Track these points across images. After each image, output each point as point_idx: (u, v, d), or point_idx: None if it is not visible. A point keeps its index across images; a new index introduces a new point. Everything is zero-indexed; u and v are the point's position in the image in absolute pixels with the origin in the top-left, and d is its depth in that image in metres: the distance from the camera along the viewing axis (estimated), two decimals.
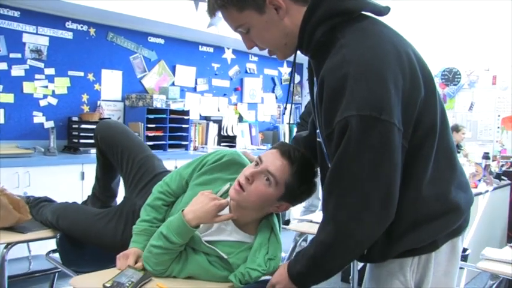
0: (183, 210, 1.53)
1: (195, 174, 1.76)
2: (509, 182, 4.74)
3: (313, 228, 2.49)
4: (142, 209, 1.75)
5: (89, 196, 2.35)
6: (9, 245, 1.95)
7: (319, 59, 1.17)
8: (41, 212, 2.18)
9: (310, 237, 2.46)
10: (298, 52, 1.24)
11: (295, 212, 4.58)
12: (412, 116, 1.10)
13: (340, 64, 1.07)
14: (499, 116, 6.13)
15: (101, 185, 2.28)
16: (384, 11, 1.20)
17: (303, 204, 4.55)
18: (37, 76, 4.06)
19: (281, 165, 1.49)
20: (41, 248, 2.53)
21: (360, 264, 2.77)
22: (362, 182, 1.08)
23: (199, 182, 1.73)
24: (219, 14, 1.27)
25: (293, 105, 1.73)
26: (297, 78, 6.80)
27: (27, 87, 4.01)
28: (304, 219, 2.73)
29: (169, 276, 1.57)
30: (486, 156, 4.53)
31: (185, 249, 1.59)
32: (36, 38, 4.03)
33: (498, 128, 6.12)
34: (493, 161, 4.92)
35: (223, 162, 1.74)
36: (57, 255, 2.04)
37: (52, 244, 2.08)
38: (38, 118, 4.10)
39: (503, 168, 4.86)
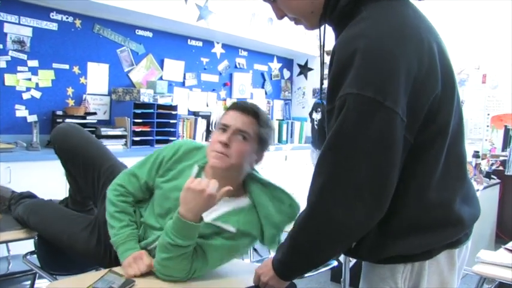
0: (178, 212, 1.46)
1: (158, 174, 1.73)
2: (498, 180, 4.72)
3: None
4: (110, 219, 1.67)
5: (66, 197, 2.24)
6: None
7: (340, 31, 1.11)
8: (17, 207, 2.09)
9: None
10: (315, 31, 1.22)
11: None
12: (421, 108, 1.03)
13: (354, 37, 1.01)
14: (488, 114, 6.12)
15: (74, 188, 2.17)
16: None
17: None
18: (20, 68, 3.93)
19: (248, 121, 1.62)
20: (21, 247, 2.44)
21: (352, 262, 2.71)
22: (354, 170, 1.00)
23: (167, 178, 1.71)
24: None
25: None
26: (287, 74, 6.72)
27: (9, 80, 3.88)
28: None
29: (191, 277, 1.55)
30: (476, 155, 4.50)
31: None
32: (19, 29, 3.90)
33: (488, 126, 6.11)
34: (483, 159, 4.90)
35: (182, 153, 1.75)
36: (35, 256, 1.95)
37: (31, 243, 1.99)
38: (21, 112, 3.97)
39: (493, 167, 4.83)
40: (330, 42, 1.19)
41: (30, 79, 4.00)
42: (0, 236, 1.94)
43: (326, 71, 1.13)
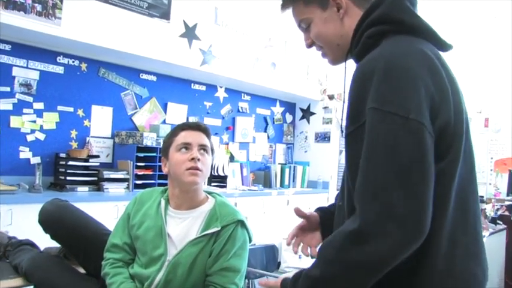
0: None
1: (131, 227, 1.88)
2: (504, 226, 4.65)
3: None
4: (109, 287, 1.79)
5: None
6: None
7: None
8: (17, 256, 2.05)
9: None
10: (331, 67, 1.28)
11: (288, 257, 4.45)
12: (435, 134, 0.98)
13: (372, 59, 1.02)
14: (491, 158, 6.12)
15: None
16: (444, 45, 1.15)
17: None
18: (25, 110, 3.96)
19: (203, 136, 1.90)
20: None
21: None
22: (387, 193, 0.91)
23: (138, 225, 1.85)
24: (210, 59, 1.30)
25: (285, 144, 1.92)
26: (290, 118, 6.77)
27: (15, 122, 3.90)
28: (295, 268, 2.60)
29: None
30: (481, 200, 4.46)
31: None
32: (27, 72, 3.95)
33: (491, 170, 6.09)
34: (487, 204, 4.86)
35: (140, 199, 1.93)
36: None
37: None
38: (24, 153, 3.97)
39: (499, 212, 4.78)
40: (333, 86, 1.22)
41: (35, 121, 4.02)
42: None
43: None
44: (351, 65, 1.25)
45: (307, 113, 6.72)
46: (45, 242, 2.22)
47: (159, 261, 1.76)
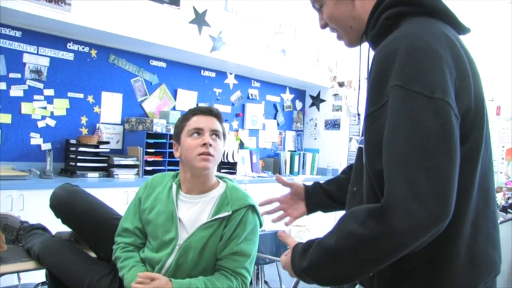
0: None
1: (142, 212, 1.88)
2: None
3: None
4: (120, 271, 1.81)
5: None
6: None
7: (377, 45, 1.08)
8: (30, 239, 2.07)
9: None
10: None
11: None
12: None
13: (394, 40, 1.00)
14: (503, 146, 6.06)
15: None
16: (462, 27, 1.12)
17: None
18: (36, 97, 3.99)
19: (215, 121, 1.87)
20: (32, 277, 2.41)
21: None
22: (411, 170, 0.88)
23: (149, 209, 1.86)
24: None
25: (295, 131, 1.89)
26: (299, 105, 6.74)
27: (26, 108, 3.93)
28: None
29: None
30: None
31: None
32: (37, 59, 3.97)
33: (503, 159, 6.04)
34: (498, 192, 4.82)
35: (151, 183, 1.93)
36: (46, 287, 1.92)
37: (42, 273, 1.97)
38: (35, 140, 4.00)
39: (510, 201, 4.74)
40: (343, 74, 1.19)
41: (45, 108, 4.05)
42: (10, 266, 1.90)
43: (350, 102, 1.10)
44: (365, 49, 1.23)
45: (317, 100, 6.69)
46: (56, 226, 2.25)
47: (170, 245, 1.77)
